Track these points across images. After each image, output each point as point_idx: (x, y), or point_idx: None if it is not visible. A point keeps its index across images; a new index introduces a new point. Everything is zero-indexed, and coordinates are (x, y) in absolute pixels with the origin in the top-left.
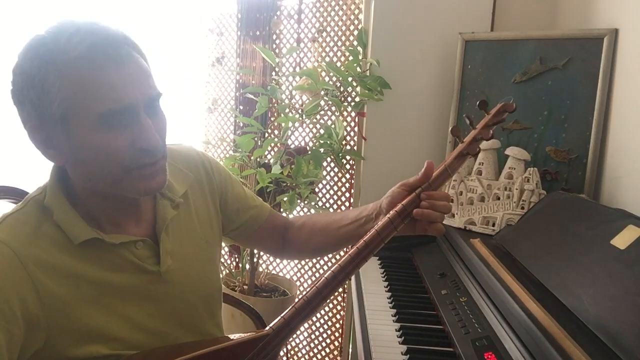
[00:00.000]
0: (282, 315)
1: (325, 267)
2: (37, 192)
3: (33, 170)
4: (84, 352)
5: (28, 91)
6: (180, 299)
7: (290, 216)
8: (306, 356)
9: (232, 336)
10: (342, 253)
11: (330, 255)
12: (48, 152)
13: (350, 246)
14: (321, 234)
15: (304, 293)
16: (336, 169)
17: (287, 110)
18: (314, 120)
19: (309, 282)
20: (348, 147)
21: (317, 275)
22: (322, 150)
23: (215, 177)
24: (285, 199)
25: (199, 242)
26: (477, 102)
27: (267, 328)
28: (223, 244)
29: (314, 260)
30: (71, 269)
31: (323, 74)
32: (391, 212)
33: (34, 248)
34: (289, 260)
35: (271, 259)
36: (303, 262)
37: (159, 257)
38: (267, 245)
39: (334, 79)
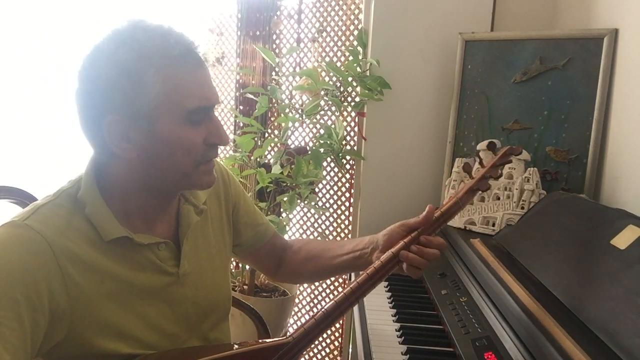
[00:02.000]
0: (302, 325)
1: None
2: (70, 185)
3: (33, 171)
4: (103, 348)
5: (122, 82)
6: (193, 303)
7: (291, 223)
8: (306, 356)
9: (238, 343)
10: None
11: None
12: (121, 145)
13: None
14: (316, 261)
15: (323, 306)
16: (336, 169)
17: (287, 110)
18: (314, 120)
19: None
20: (348, 147)
21: None
22: (322, 150)
23: (232, 188)
24: (285, 199)
25: (211, 250)
26: (487, 143)
27: (288, 337)
28: None
29: None
30: (98, 264)
31: (323, 74)
32: (407, 238)
33: (66, 240)
34: (282, 282)
35: None
36: None
37: (179, 259)
38: (264, 264)
39: (334, 79)
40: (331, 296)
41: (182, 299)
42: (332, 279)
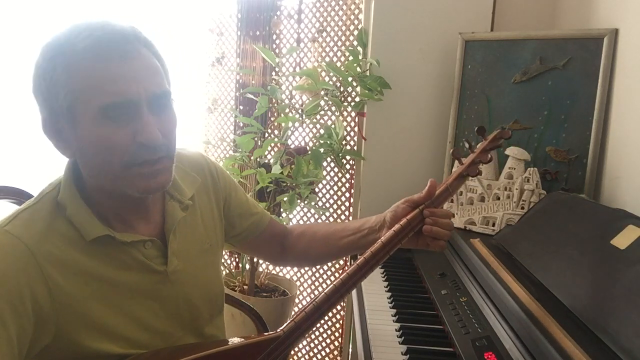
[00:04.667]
0: (292, 318)
1: (325, 267)
2: (50, 188)
3: (33, 170)
4: (93, 349)
5: (40, 83)
6: (184, 300)
7: (291, 223)
8: (306, 356)
9: (232, 339)
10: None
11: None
12: (59, 144)
13: (349, 256)
14: (322, 243)
15: (313, 299)
16: (336, 169)
17: (287, 110)
18: (314, 120)
19: (309, 282)
20: (348, 147)
21: (317, 275)
22: (322, 150)
23: (221, 182)
24: (285, 199)
25: (202, 245)
26: (476, 128)
27: (278, 330)
28: None
29: None
30: (81, 266)
31: (323, 74)
32: (396, 226)
33: (47, 244)
34: (286, 268)
35: None
36: None
37: (166, 257)
38: (265, 252)
39: (334, 79)
40: None
41: (173, 297)
42: (333, 278)
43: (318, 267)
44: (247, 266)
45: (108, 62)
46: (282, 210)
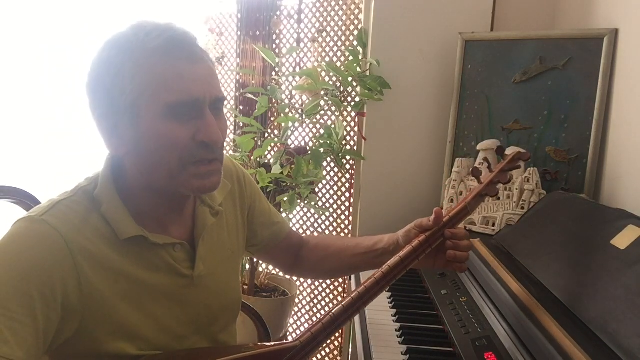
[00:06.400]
0: (308, 329)
1: None
2: (87, 183)
3: (33, 170)
4: (110, 348)
5: (104, 78)
6: (205, 305)
7: (291, 224)
8: None
9: (246, 345)
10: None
11: None
12: (112, 141)
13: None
14: (335, 259)
15: (330, 310)
16: (336, 169)
17: (287, 110)
18: (314, 120)
19: (309, 282)
20: (348, 147)
21: None
22: (322, 150)
23: (247, 189)
24: (285, 199)
25: (226, 251)
26: (495, 148)
27: (295, 341)
28: None
29: None
30: (112, 263)
31: (323, 74)
32: (415, 242)
33: (82, 238)
34: (298, 278)
35: None
36: None
37: (194, 261)
38: (279, 260)
39: (334, 79)
40: (331, 296)
41: (195, 301)
42: (332, 279)
43: None
44: (247, 266)
45: (178, 61)
46: (282, 210)
